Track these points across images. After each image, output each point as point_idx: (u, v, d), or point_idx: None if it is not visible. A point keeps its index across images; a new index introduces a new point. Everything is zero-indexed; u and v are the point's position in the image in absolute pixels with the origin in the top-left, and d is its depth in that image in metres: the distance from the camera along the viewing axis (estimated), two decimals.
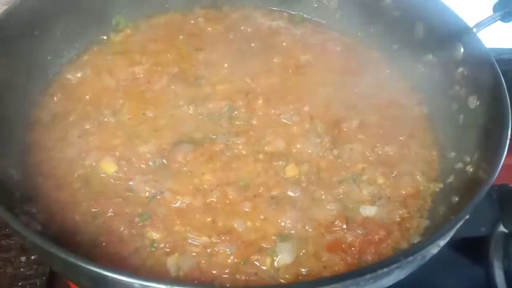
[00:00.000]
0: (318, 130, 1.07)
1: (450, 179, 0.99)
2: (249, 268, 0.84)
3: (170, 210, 0.92)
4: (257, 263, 0.85)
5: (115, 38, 1.27)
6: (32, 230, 0.76)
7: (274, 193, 0.95)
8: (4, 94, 1.00)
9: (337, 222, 0.91)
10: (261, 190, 0.95)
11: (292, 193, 0.95)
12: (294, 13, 1.39)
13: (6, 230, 1.08)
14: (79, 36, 1.22)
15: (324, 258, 0.87)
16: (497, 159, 0.83)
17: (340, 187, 0.97)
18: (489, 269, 1.08)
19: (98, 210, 0.92)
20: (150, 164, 0.99)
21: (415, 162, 1.03)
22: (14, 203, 0.89)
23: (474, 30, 1.05)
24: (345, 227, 0.91)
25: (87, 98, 1.12)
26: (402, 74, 1.22)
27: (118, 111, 1.09)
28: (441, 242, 0.73)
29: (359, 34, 1.33)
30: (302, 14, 1.39)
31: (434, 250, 0.74)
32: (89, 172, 0.98)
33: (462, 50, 1.07)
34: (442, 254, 0.80)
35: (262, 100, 1.12)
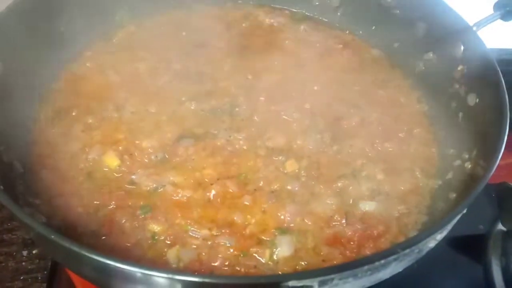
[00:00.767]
0: (319, 126, 1.08)
1: (449, 176, 1.00)
2: (248, 260, 0.85)
3: (172, 203, 0.93)
4: (256, 256, 0.86)
5: (119, 34, 1.28)
6: (37, 221, 0.77)
7: (274, 187, 0.96)
8: (8, 89, 1.01)
9: (336, 217, 0.92)
10: (261, 184, 0.96)
11: (291, 187, 0.96)
12: (295, 10, 1.40)
13: (8, 224, 1.09)
14: (83, 31, 1.23)
15: (323, 252, 0.88)
16: (494, 156, 0.83)
17: (339, 182, 0.98)
18: (487, 266, 1.08)
19: (100, 203, 0.93)
20: (152, 158, 1.00)
21: (414, 159, 1.04)
22: (18, 195, 0.90)
23: (474, 28, 1.05)
24: (344, 222, 0.92)
25: (91, 93, 1.12)
26: (402, 72, 1.23)
27: (122, 107, 1.10)
28: (438, 236, 0.74)
29: (360, 32, 1.34)
30: (303, 12, 1.40)
31: (431, 243, 0.74)
32: (92, 166, 0.99)
33: (462, 48, 1.08)
34: (441, 251, 0.80)
35: (263, 97, 1.13)
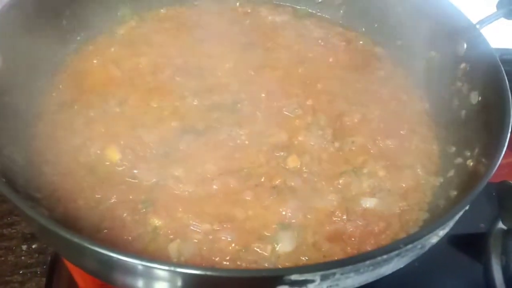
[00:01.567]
0: (320, 123, 1.07)
1: (451, 174, 0.99)
2: (249, 255, 0.85)
3: (173, 198, 0.92)
4: (258, 250, 0.86)
5: (121, 30, 1.28)
6: (40, 213, 0.76)
7: (275, 182, 0.96)
8: (10, 83, 1.00)
9: (337, 213, 0.92)
10: (262, 179, 0.96)
11: (293, 183, 0.96)
12: (298, 7, 1.40)
13: (8, 218, 1.09)
14: (85, 26, 1.23)
15: (324, 248, 0.88)
16: (497, 154, 0.83)
17: (341, 179, 0.97)
18: (487, 265, 1.08)
19: (101, 196, 0.92)
20: (154, 152, 0.99)
21: (416, 156, 1.04)
22: (18, 189, 0.90)
23: (478, 26, 1.05)
24: (345, 218, 0.92)
25: (93, 87, 1.12)
26: (405, 70, 1.23)
27: (123, 101, 1.09)
28: (440, 232, 0.74)
29: (363, 29, 1.34)
30: (306, 9, 1.40)
31: (433, 239, 0.74)
32: (93, 160, 0.98)
33: (465, 46, 1.07)
34: (441, 249, 0.80)
35: (265, 93, 1.13)
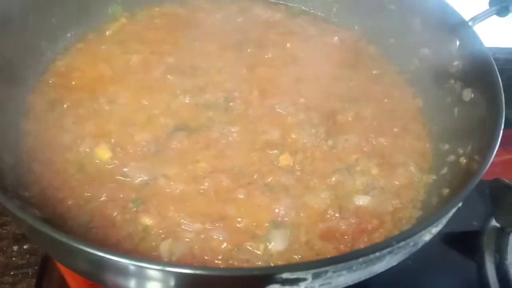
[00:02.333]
0: (313, 121, 1.07)
1: (444, 171, 0.99)
2: (242, 254, 0.84)
3: (164, 196, 0.91)
4: (250, 249, 0.85)
5: (111, 27, 1.26)
6: (28, 213, 0.75)
7: (268, 180, 0.95)
8: None
9: (330, 211, 0.92)
10: (255, 177, 0.95)
11: (285, 181, 0.95)
12: (292, 5, 1.40)
13: None
14: (75, 24, 1.22)
15: (317, 246, 0.87)
16: (489, 151, 0.83)
17: (333, 177, 0.97)
18: (481, 263, 1.08)
19: (91, 195, 0.91)
20: (145, 150, 0.98)
21: (409, 154, 1.04)
22: (7, 187, 0.88)
23: (470, 23, 1.05)
24: (338, 216, 0.91)
25: (83, 85, 1.11)
26: (398, 68, 1.23)
27: (114, 99, 1.08)
28: (433, 229, 0.73)
29: (356, 27, 1.33)
30: (300, 6, 1.39)
31: (426, 237, 0.74)
32: (83, 158, 0.97)
33: (458, 43, 1.07)
34: (435, 247, 0.80)
35: (258, 91, 1.12)
